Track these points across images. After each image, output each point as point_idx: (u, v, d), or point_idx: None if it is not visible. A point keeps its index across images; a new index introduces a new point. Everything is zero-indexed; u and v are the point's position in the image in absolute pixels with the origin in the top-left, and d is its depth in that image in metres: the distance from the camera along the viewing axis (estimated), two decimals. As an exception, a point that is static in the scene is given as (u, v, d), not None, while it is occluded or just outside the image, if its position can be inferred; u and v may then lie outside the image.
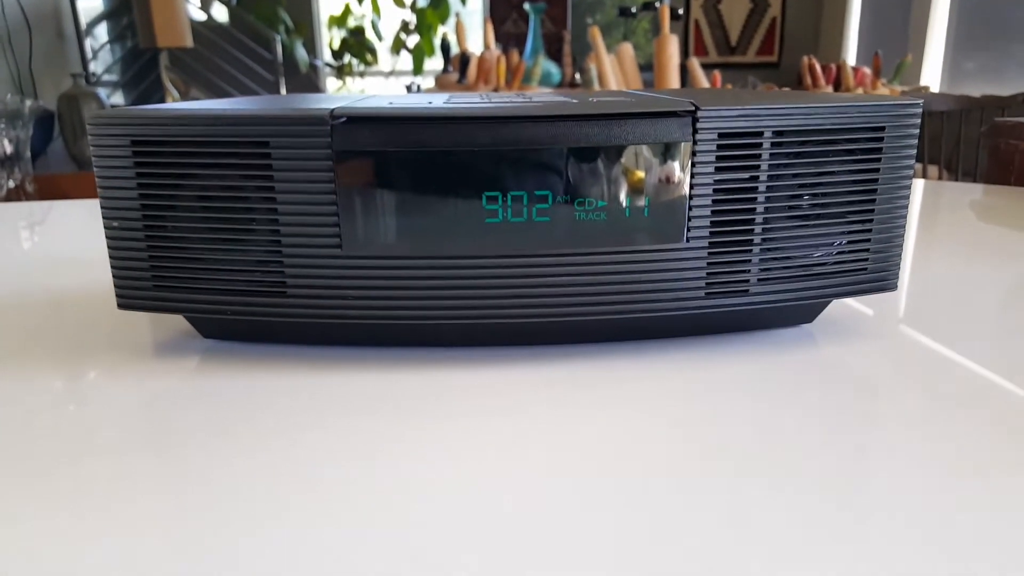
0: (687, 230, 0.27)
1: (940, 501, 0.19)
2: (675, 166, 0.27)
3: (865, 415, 0.25)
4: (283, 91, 2.65)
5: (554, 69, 2.59)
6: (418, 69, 3.12)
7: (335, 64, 3.20)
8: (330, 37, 3.20)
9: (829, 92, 1.69)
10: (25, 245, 0.54)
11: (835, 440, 0.22)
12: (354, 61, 3.18)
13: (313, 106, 0.27)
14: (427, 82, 3.04)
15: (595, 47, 1.74)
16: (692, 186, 0.27)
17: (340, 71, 3.19)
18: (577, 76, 2.61)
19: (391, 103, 0.29)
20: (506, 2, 3.22)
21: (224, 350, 0.30)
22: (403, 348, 0.30)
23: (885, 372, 0.28)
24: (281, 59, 2.67)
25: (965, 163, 1.82)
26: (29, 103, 1.51)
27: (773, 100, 0.29)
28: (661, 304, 0.28)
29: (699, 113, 0.27)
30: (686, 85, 2.30)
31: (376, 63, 3.22)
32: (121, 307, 0.29)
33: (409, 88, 2.48)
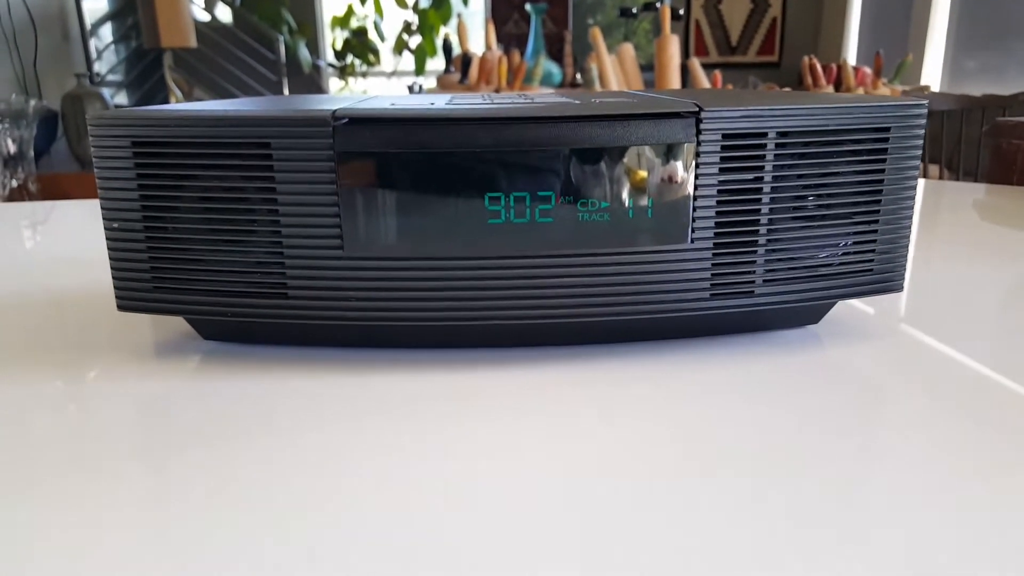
0: (691, 231, 0.27)
1: (952, 502, 0.19)
2: (678, 167, 0.27)
3: (871, 417, 0.24)
4: (286, 91, 2.65)
5: (555, 69, 2.59)
6: (420, 70, 3.12)
7: (338, 64, 3.21)
8: (333, 38, 3.20)
9: (831, 92, 1.69)
10: (27, 245, 0.54)
11: (842, 442, 0.22)
12: (357, 62, 3.18)
13: (315, 107, 0.27)
14: (429, 82, 3.04)
15: (596, 47, 1.74)
16: (696, 187, 0.27)
17: (343, 71, 3.19)
18: (578, 76, 2.61)
19: (393, 104, 0.29)
20: (508, 3, 3.22)
21: (224, 352, 0.30)
22: (404, 350, 0.30)
23: (891, 373, 0.28)
24: (284, 60, 2.68)
25: (966, 163, 1.82)
26: (33, 103, 1.51)
27: (777, 101, 0.28)
28: (665, 305, 0.28)
29: (703, 114, 0.26)
30: (687, 85, 2.29)
31: (378, 63, 3.22)
32: (121, 308, 0.29)
33: (411, 88, 2.48)
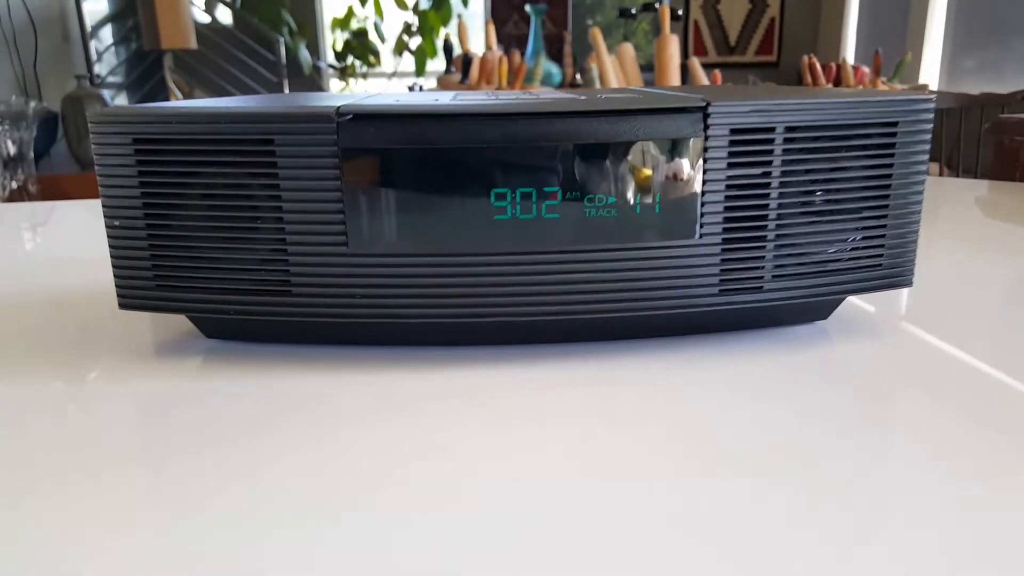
0: (699, 226, 0.27)
1: (954, 502, 0.19)
2: (686, 162, 0.26)
3: (877, 415, 0.24)
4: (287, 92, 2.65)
5: (555, 70, 2.59)
6: (420, 70, 3.12)
7: (338, 66, 3.20)
8: (333, 39, 3.20)
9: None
10: (27, 245, 0.54)
11: (849, 442, 0.22)
12: (357, 63, 3.18)
13: (318, 104, 0.27)
14: (429, 83, 3.04)
15: (596, 47, 1.73)
16: (704, 182, 0.26)
17: (343, 73, 3.19)
18: (578, 77, 2.61)
19: (397, 101, 0.29)
20: (507, 4, 3.21)
21: (227, 350, 0.30)
22: (409, 348, 0.30)
23: (899, 370, 0.27)
24: (284, 61, 2.68)
25: (966, 160, 1.82)
26: (33, 104, 1.51)
27: (784, 95, 0.28)
28: (674, 301, 0.27)
29: (710, 108, 0.26)
30: (687, 84, 2.28)
31: (379, 65, 3.22)
32: (122, 307, 0.29)
33: (411, 89, 2.48)
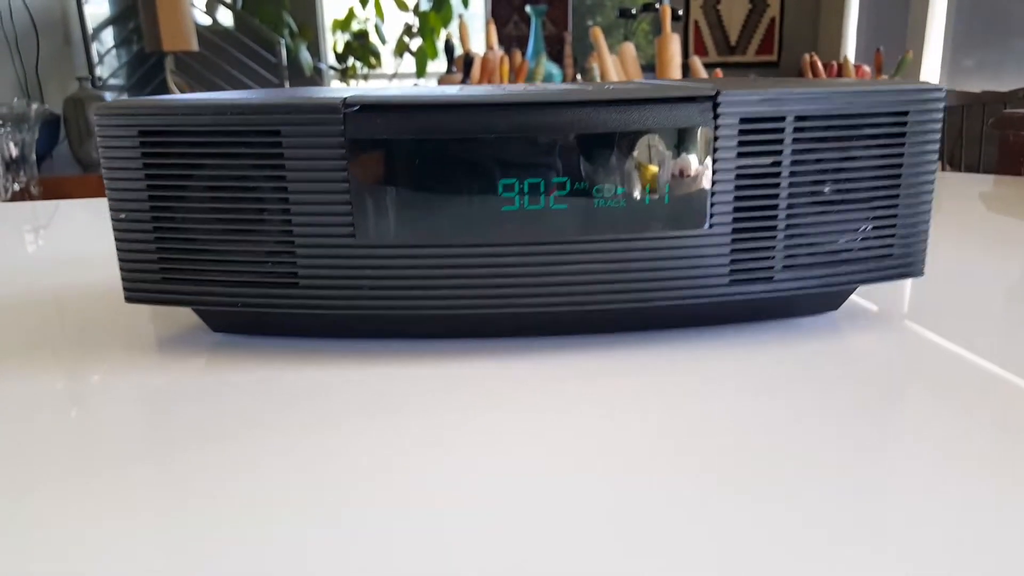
0: (709, 216, 0.27)
1: (957, 502, 0.18)
2: (695, 152, 0.26)
3: (887, 409, 0.24)
4: (287, 94, 2.64)
5: (556, 70, 2.59)
6: (421, 71, 3.12)
7: (339, 67, 3.21)
8: (334, 41, 3.20)
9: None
10: (29, 246, 0.54)
11: (859, 438, 0.22)
12: (358, 64, 3.18)
13: (324, 96, 0.27)
14: (430, 84, 3.04)
15: (597, 47, 1.73)
16: (714, 172, 0.26)
17: (344, 74, 3.19)
18: (579, 77, 2.61)
19: (404, 92, 0.29)
20: (508, 5, 3.21)
21: (234, 344, 0.30)
22: (416, 341, 0.29)
23: (910, 363, 0.27)
24: (286, 63, 2.68)
25: (968, 158, 1.82)
26: (35, 106, 1.51)
27: (794, 85, 0.28)
28: (684, 292, 0.27)
29: (720, 98, 0.26)
30: (690, 84, 2.27)
31: (380, 66, 3.22)
32: (128, 300, 0.28)
33: (414, 89, 2.47)
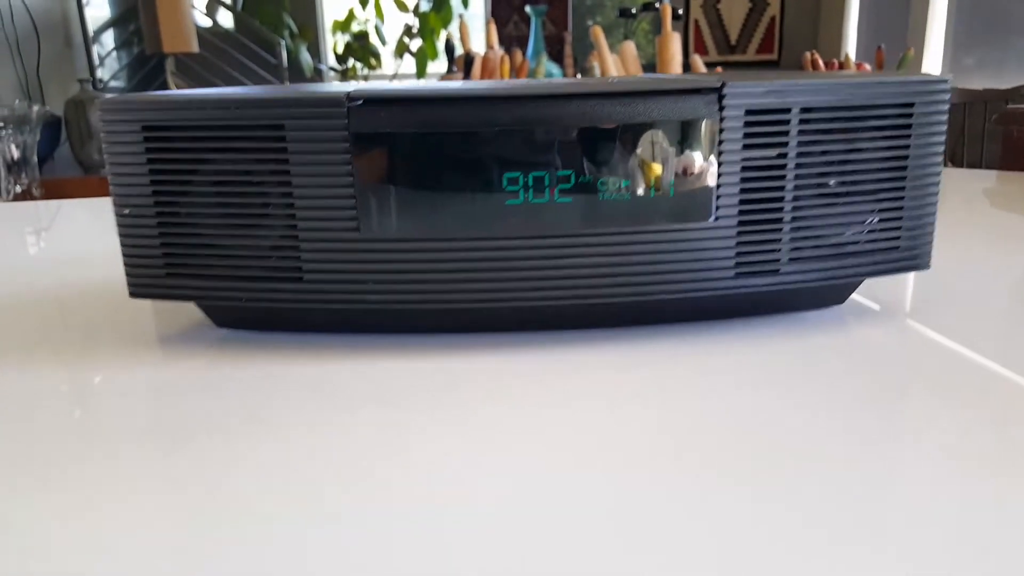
0: (714, 209, 0.26)
1: (959, 502, 0.18)
2: (701, 144, 0.26)
3: (894, 404, 0.24)
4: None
5: (556, 70, 2.59)
6: (421, 72, 3.12)
7: (339, 68, 3.21)
8: (334, 42, 3.21)
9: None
10: (31, 248, 0.54)
11: (866, 432, 0.22)
12: (358, 65, 3.18)
13: (328, 90, 0.27)
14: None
15: (598, 45, 1.73)
16: (719, 164, 0.26)
17: (344, 75, 3.19)
18: (579, 76, 2.61)
19: (408, 86, 0.28)
20: (507, 5, 3.21)
21: (239, 339, 0.30)
22: (421, 335, 0.29)
23: (915, 358, 0.27)
24: (286, 64, 2.68)
25: (970, 156, 1.81)
26: (36, 108, 1.51)
27: (800, 77, 0.28)
28: (689, 285, 0.27)
29: (725, 89, 0.26)
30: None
31: (380, 67, 3.22)
32: (133, 295, 0.28)
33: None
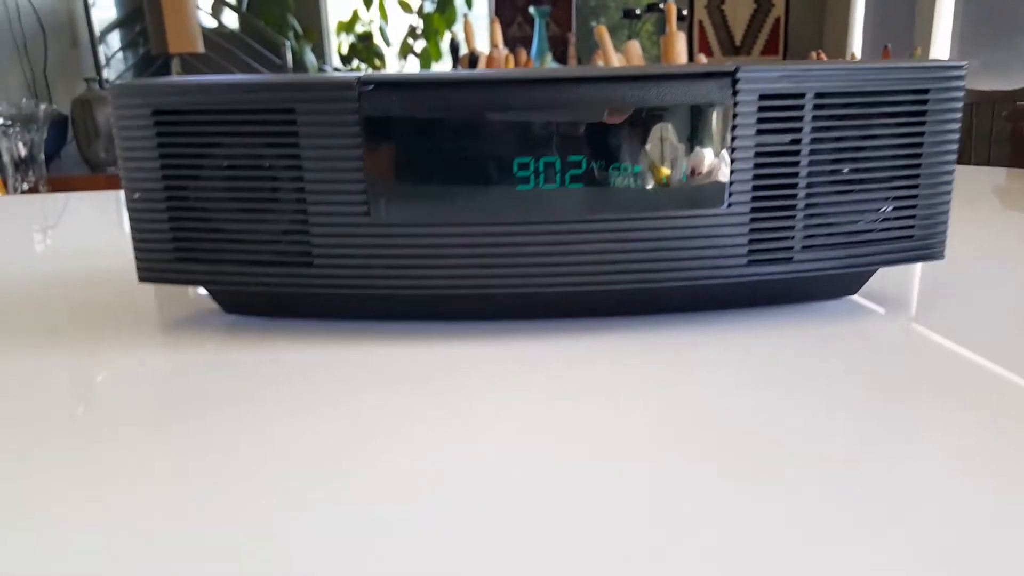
0: (728, 195, 0.26)
1: (961, 502, 0.18)
2: (714, 129, 0.26)
3: (900, 400, 0.23)
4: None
5: (561, 71, 2.59)
6: (426, 73, 3.13)
7: (344, 69, 3.22)
8: (339, 42, 3.22)
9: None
10: (37, 245, 0.54)
11: (872, 428, 0.21)
12: (362, 66, 3.19)
13: (339, 75, 0.27)
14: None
15: (602, 44, 1.73)
16: (732, 149, 0.26)
17: (349, 76, 3.20)
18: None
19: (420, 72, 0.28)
20: (511, 6, 3.21)
21: (247, 325, 0.29)
22: (431, 323, 0.29)
23: (926, 352, 0.27)
24: (291, 64, 2.68)
25: (977, 158, 1.81)
26: (43, 107, 1.52)
27: (814, 62, 0.28)
28: (702, 272, 0.27)
29: (739, 74, 0.26)
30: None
31: (384, 68, 3.23)
32: (142, 280, 0.28)
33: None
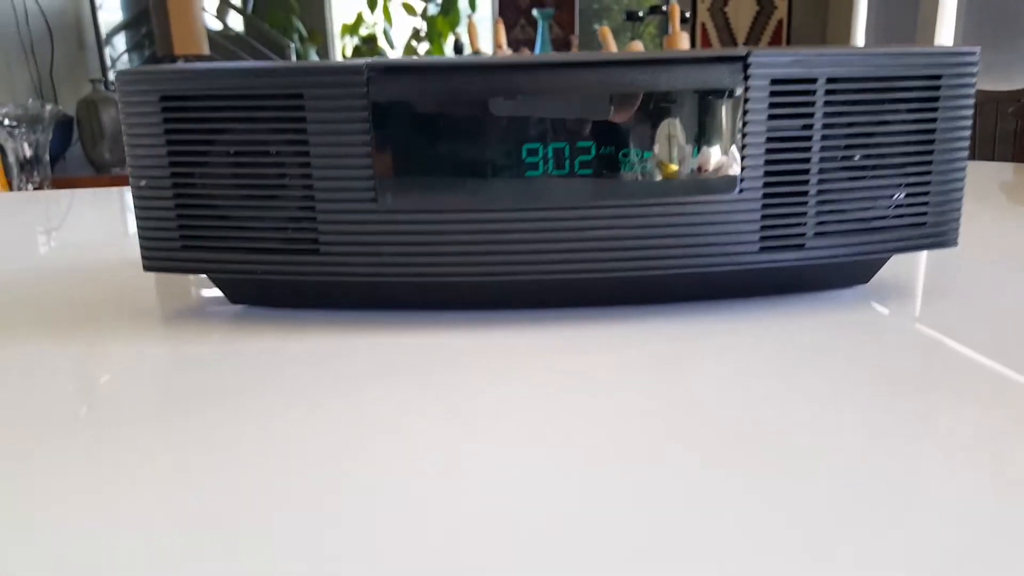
0: (740, 180, 0.26)
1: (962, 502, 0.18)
2: (726, 114, 0.25)
3: (908, 396, 0.23)
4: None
5: (565, 73, 2.59)
6: (430, 75, 3.13)
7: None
8: (343, 45, 3.22)
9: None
10: (42, 243, 0.54)
11: (881, 424, 0.21)
12: (366, 68, 3.19)
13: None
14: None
15: (605, 45, 1.73)
16: (744, 134, 0.26)
17: (353, 78, 3.21)
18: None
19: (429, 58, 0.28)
20: (515, 8, 3.22)
21: (252, 315, 0.29)
22: (438, 312, 0.29)
23: (940, 342, 0.26)
24: (295, 66, 2.69)
25: (981, 157, 1.81)
26: (49, 108, 1.53)
27: (826, 47, 0.27)
28: (713, 259, 0.26)
29: (750, 58, 0.25)
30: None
31: (388, 70, 3.23)
32: (147, 269, 0.28)
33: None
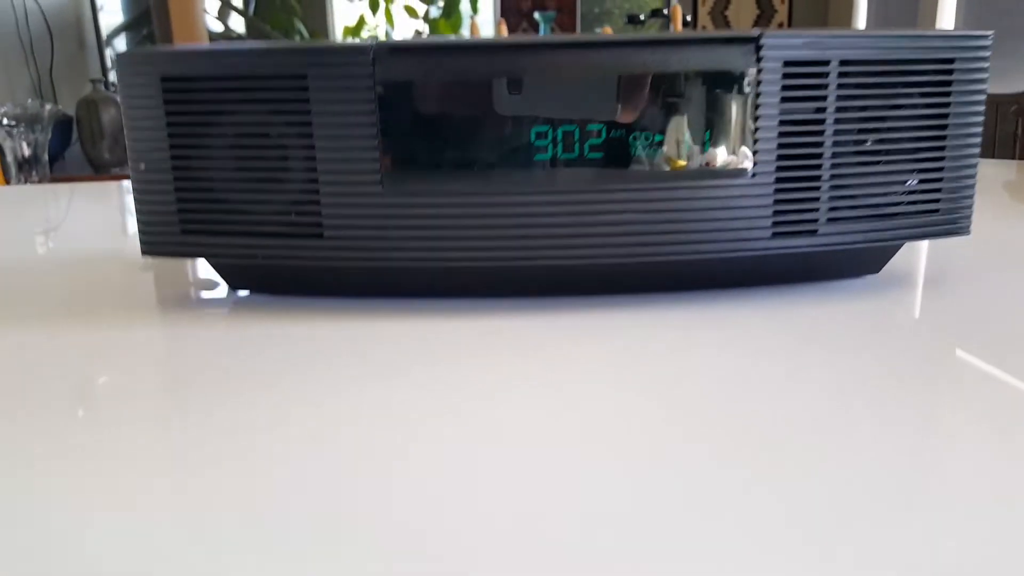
0: (752, 164, 0.25)
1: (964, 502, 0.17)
2: (738, 96, 0.25)
3: (914, 391, 0.22)
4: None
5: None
6: (430, 78, 3.14)
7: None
8: (344, 47, 3.23)
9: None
10: (39, 240, 0.53)
11: (880, 420, 0.20)
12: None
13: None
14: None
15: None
16: (756, 117, 0.25)
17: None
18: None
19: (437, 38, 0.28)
20: (516, 11, 3.23)
21: (251, 303, 0.29)
22: (445, 299, 0.28)
23: (947, 336, 0.26)
24: (296, 68, 2.69)
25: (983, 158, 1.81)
26: (48, 107, 1.52)
27: (839, 30, 0.27)
28: (725, 244, 0.26)
29: (763, 40, 0.25)
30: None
31: (389, 73, 3.24)
32: (146, 253, 0.28)
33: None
